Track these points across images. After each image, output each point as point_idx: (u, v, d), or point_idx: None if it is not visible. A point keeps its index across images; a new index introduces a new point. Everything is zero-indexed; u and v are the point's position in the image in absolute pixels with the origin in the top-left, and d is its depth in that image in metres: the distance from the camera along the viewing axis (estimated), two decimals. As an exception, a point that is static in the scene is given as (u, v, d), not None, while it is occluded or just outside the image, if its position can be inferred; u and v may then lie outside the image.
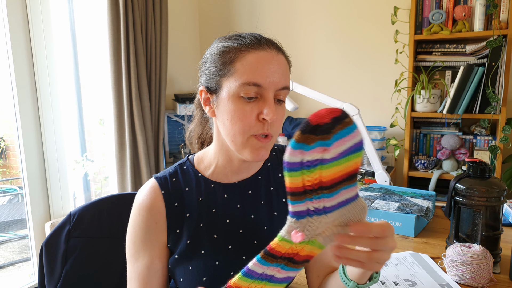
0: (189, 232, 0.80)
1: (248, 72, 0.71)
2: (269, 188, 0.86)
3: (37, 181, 1.87)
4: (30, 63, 1.81)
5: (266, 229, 0.83)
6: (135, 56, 2.08)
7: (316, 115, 0.47)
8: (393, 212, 1.29)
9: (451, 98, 2.08)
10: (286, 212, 0.83)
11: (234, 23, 2.85)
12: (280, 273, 0.59)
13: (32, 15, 1.78)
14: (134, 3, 2.04)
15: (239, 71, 0.72)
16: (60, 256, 1.01)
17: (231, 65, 0.73)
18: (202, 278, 0.78)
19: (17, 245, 3.05)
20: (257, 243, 0.82)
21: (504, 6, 1.98)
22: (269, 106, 0.71)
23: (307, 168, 0.50)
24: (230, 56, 0.73)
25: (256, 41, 0.74)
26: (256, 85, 0.71)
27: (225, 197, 0.83)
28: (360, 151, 0.51)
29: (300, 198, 0.53)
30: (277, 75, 0.72)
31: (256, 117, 0.72)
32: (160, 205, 0.80)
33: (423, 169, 2.22)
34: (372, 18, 2.47)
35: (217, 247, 0.80)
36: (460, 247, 0.97)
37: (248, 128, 0.73)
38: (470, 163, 1.08)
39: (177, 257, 0.79)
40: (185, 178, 0.83)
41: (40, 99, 1.84)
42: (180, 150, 2.42)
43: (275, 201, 0.86)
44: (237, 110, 0.72)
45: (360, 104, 2.47)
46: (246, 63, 0.72)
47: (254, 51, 0.73)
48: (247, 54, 0.72)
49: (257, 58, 0.72)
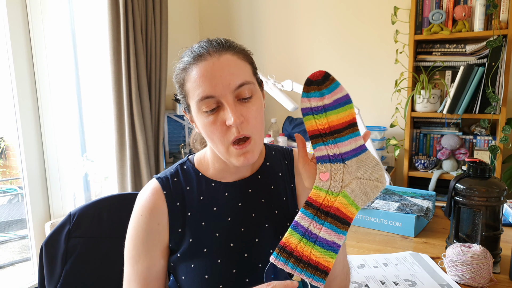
0: (191, 231, 0.80)
1: (196, 88, 0.73)
2: (269, 186, 0.86)
3: (37, 181, 1.87)
4: (30, 63, 1.81)
5: (267, 227, 0.83)
6: (135, 56, 2.08)
7: (312, 75, 0.72)
8: (393, 212, 1.29)
9: (451, 98, 2.08)
10: (286, 210, 0.86)
11: (234, 23, 2.85)
12: (324, 234, 0.66)
13: (32, 15, 1.78)
14: (134, 3, 2.04)
15: (190, 91, 0.74)
16: (60, 256, 1.01)
17: (183, 87, 0.76)
18: (204, 276, 0.78)
19: (17, 245, 3.05)
20: (258, 241, 0.82)
21: (504, 6, 1.98)
22: (228, 111, 0.71)
23: (316, 113, 0.71)
24: (180, 78, 0.77)
25: (195, 54, 0.75)
26: (210, 97, 0.72)
27: (226, 195, 0.83)
28: (351, 103, 0.72)
29: (318, 141, 0.70)
30: (225, 78, 0.72)
31: (224, 126, 0.73)
32: (162, 205, 0.81)
33: (423, 169, 2.22)
34: (372, 18, 2.47)
35: (219, 245, 0.80)
36: (460, 247, 0.97)
37: (222, 138, 0.74)
38: (470, 163, 1.08)
39: (180, 256, 0.80)
40: (186, 178, 0.84)
41: (40, 99, 1.84)
42: (180, 150, 2.42)
43: (275, 199, 0.86)
44: (206, 125, 0.74)
45: (360, 104, 2.47)
46: (192, 81, 0.74)
47: (195, 66, 0.74)
48: (191, 72, 0.74)
49: (199, 72, 0.73)
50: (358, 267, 1.06)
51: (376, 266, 1.06)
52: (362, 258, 1.12)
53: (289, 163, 0.90)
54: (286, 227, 0.83)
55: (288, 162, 0.90)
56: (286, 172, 0.89)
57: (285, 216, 0.85)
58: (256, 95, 0.76)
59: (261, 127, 0.77)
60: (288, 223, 0.84)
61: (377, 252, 1.16)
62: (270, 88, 1.99)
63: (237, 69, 0.74)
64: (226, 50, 0.75)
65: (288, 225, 0.83)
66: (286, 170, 0.89)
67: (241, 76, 0.73)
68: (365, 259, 1.11)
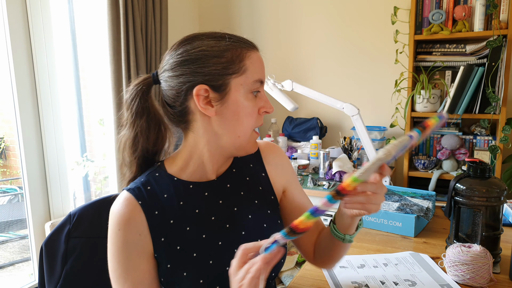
0: (177, 238, 0.78)
1: (257, 69, 0.77)
2: (245, 178, 0.89)
3: (37, 181, 1.87)
4: (30, 63, 1.81)
5: (250, 218, 0.84)
6: (135, 56, 2.08)
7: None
8: (393, 212, 1.29)
9: (451, 98, 2.08)
10: (264, 198, 0.89)
11: (234, 23, 2.85)
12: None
13: (32, 15, 1.78)
14: (134, 3, 2.04)
15: (250, 69, 0.76)
16: (60, 256, 1.01)
17: (241, 63, 0.75)
18: (199, 281, 0.77)
19: (17, 245, 3.05)
20: (245, 233, 0.83)
21: (504, 6, 1.98)
22: (268, 100, 0.80)
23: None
24: (237, 55, 0.75)
25: (248, 41, 0.79)
26: (261, 82, 0.78)
27: (206, 195, 0.83)
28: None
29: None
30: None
31: (258, 112, 0.79)
32: (139, 216, 0.76)
33: (423, 169, 2.22)
34: (372, 18, 2.47)
35: (208, 246, 0.79)
36: (460, 247, 0.97)
37: (255, 122, 0.78)
38: (470, 163, 1.08)
39: (170, 266, 0.77)
40: (161, 186, 0.80)
41: (40, 99, 1.84)
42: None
43: (252, 189, 0.88)
44: (249, 107, 0.77)
45: (360, 104, 2.47)
46: (254, 62, 0.77)
47: (253, 51, 0.78)
48: (251, 54, 0.77)
49: (259, 57, 0.79)
50: (358, 267, 1.06)
51: (376, 266, 1.06)
52: (362, 258, 1.12)
53: (256, 154, 0.93)
54: (268, 214, 0.87)
55: (255, 154, 0.93)
56: (256, 163, 0.92)
57: (265, 204, 0.88)
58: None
59: None
60: (268, 211, 0.88)
61: (377, 252, 1.16)
62: (270, 88, 1.99)
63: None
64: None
65: (269, 213, 0.87)
66: (255, 160, 0.92)
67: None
68: (365, 259, 1.11)
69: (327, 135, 2.65)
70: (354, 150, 2.30)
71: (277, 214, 0.90)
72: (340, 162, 2.15)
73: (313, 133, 2.47)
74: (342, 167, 2.12)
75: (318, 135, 2.41)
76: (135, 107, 0.80)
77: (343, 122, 2.64)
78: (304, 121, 2.57)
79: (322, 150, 2.24)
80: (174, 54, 0.79)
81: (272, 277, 0.89)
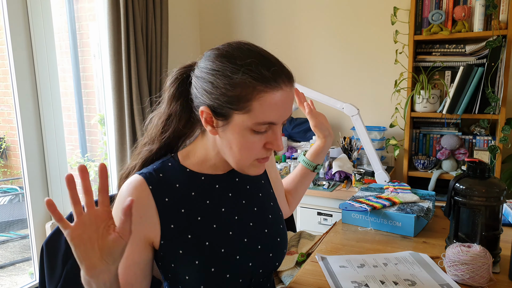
0: (188, 227, 0.81)
1: (266, 113, 0.72)
2: None
3: (38, 181, 1.87)
4: (31, 63, 1.81)
5: (256, 210, 0.90)
6: (136, 56, 2.09)
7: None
8: (393, 212, 1.29)
9: (451, 98, 2.08)
10: (266, 191, 0.95)
11: (234, 23, 2.85)
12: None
13: (33, 15, 1.78)
14: (135, 3, 2.04)
15: (256, 111, 0.72)
16: (60, 256, 1.01)
17: (247, 103, 0.71)
18: (211, 269, 0.79)
19: (17, 245, 3.05)
20: (253, 224, 0.88)
21: (504, 6, 1.98)
22: (278, 139, 0.77)
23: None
24: (246, 93, 0.71)
25: (273, 77, 0.72)
26: (271, 124, 0.75)
27: (217, 187, 0.87)
28: None
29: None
30: (289, 111, 0.76)
31: (263, 146, 0.77)
32: (148, 200, 0.79)
33: (422, 169, 2.23)
34: (372, 19, 2.48)
35: (219, 236, 0.82)
36: (460, 247, 0.98)
37: (254, 155, 0.78)
38: (470, 163, 1.08)
39: (182, 253, 0.79)
40: (172, 175, 0.83)
41: (40, 99, 1.85)
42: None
43: (256, 183, 0.94)
44: (247, 143, 0.75)
45: (360, 104, 2.47)
46: (264, 104, 0.71)
47: (272, 91, 0.71)
48: (265, 95, 0.71)
49: (275, 99, 0.72)
50: (358, 266, 1.07)
51: (376, 266, 1.07)
52: (362, 258, 1.12)
53: None
54: (270, 206, 0.94)
55: None
56: None
57: (268, 197, 0.95)
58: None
59: None
60: (271, 203, 0.96)
61: (377, 252, 1.16)
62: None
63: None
64: (293, 82, 0.77)
65: (272, 205, 0.95)
66: None
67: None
68: (365, 259, 1.11)
69: (327, 135, 2.65)
70: (354, 150, 2.30)
71: (277, 204, 0.98)
72: (340, 162, 2.15)
73: (313, 133, 2.47)
74: (342, 167, 2.12)
75: (318, 135, 2.41)
76: (173, 89, 0.83)
77: (343, 122, 2.64)
78: (304, 121, 2.57)
79: (322, 150, 2.24)
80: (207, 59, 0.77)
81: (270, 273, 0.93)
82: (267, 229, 0.89)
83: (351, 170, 2.10)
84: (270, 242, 0.89)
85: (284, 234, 0.94)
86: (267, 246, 0.88)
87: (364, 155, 2.30)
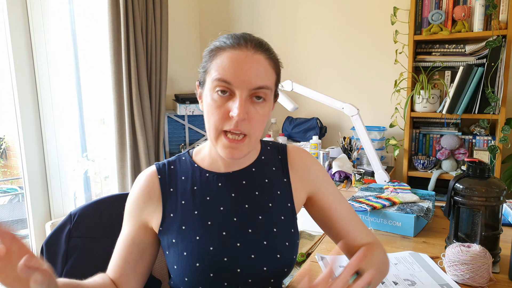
0: (184, 219, 0.83)
1: (220, 69, 0.75)
2: (264, 180, 0.89)
3: (38, 181, 1.87)
4: (31, 63, 1.81)
5: (261, 219, 0.85)
6: (136, 56, 2.09)
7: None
8: (393, 212, 1.29)
9: (451, 98, 2.08)
10: (280, 204, 0.88)
11: (234, 23, 2.85)
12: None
13: (33, 15, 1.78)
14: (135, 3, 2.04)
15: (214, 68, 0.77)
16: (60, 256, 1.01)
17: (211, 62, 0.78)
18: (196, 264, 0.80)
19: (17, 245, 3.04)
20: (252, 231, 0.83)
21: (504, 6, 1.98)
22: (237, 104, 0.74)
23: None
24: (212, 54, 0.79)
25: (235, 40, 0.78)
26: (226, 82, 0.75)
27: (219, 185, 0.86)
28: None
29: None
30: (249, 75, 0.74)
31: (227, 114, 0.76)
32: (154, 188, 0.86)
33: (422, 169, 2.23)
34: (372, 19, 2.48)
35: (211, 233, 0.82)
36: (460, 247, 0.98)
37: (218, 122, 0.76)
38: (470, 163, 1.08)
39: (175, 242, 0.82)
40: (182, 168, 0.89)
41: (40, 99, 1.85)
42: (181, 150, 2.42)
43: (269, 192, 0.88)
44: (212, 105, 0.76)
45: (360, 104, 2.48)
46: (221, 61, 0.76)
47: (229, 50, 0.76)
48: (223, 53, 0.77)
49: (230, 56, 0.76)
50: (358, 266, 1.07)
51: (376, 266, 1.07)
52: (362, 257, 1.12)
53: (282, 158, 0.93)
54: (281, 220, 0.86)
55: (282, 157, 0.93)
56: (280, 167, 0.91)
57: (279, 210, 0.87)
58: (268, 102, 0.79)
59: (260, 131, 0.80)
60: (282, 217, 0.87)
61: (376, 252, 1.16)
62: (270, 88, 1.99)
63: (263, 73, 0.77)
64: (262, 51, 0.79)
65: (282, 219, 0.87)
66: (280, 165, 0.92)
67: (264, 80, 0.77)
68: (365, 259, 1.11)
69: (327, 135, 2.65)
70: (353, 150, 2.30)
71: (291, 222, 0.88)
72: (339, 162, 2.15)
73: (312, 133, 2.47)
74: (342, 167, 2.12)
75: (317, 135, 2.42)
76: None
77: (343, 122, 2.64)
78: (304, 121, 2.57)
79: (321, 150, 2.24)
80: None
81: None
82: (266, 241, 0.83)
83: (351, 170, 2.10)
84: (267, 256, 0.82)
85: (288, 252, 0.84)
86: (261, 258, 0.82)
87: (364, 155, 2.30)
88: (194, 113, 2.48)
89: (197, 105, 2.45)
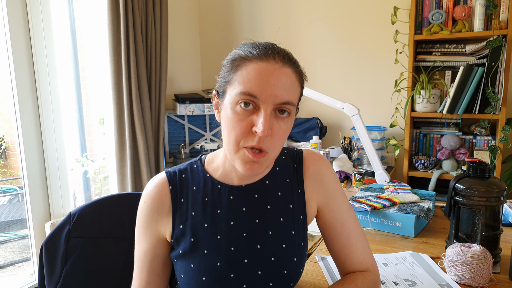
0: (193, 230, 0.81)
1: (246, 81, 0.71)
2: (277, 193, 0.85)
3: (37, 181, 1.87)
4: (30, 63, 1.81)
5: (271, 234, 0.83)
6: (135, 56, 2.08)
7: None
8: (393, 212, 1.29)
9: (451, 98, 2.08)
10: (292, 218, 0.85)
11: (234, 23, 2.85)
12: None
13: (32, 15, 1.78)
14: (134, 3, 2.04)
15: (239, 80, 0.72)
16: (60, 256, 1.01)
17: (234, 73, 0.73)
18: (202, 278, 0.79)
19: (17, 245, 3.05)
20: (260, 247, 0.81)
21: (504, 6, 1.98)
22: (262, 120, 0.70)
23: None
24: (235, 64, 0.74)
25: (263, 51, 0.73)
26: (252, 96, 0.70)
27: (231, 199, 0.83)
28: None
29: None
30: (276, 89, 0.71)
31: (250, 128, 0.72)
32: (165, 198, 0.83)
33: (423, 169, 2.22)
34: (372, 18, 2.47)
35: (219, 248, 0.80)
36: (460, 247, 0.97)
37: (240, 137, 0.72)
38: (470, 163, 1.08)
39: (181, 253, 0.81)
40: (194, 177, 0.85)
41: (40, 99, 1.85)
42: (180, 150, 2.42)
43: (282, 206, 0.85)
44: (233, 118, 0.72)
45: (360, 104, 2.47)
46: (246, 73, 0.72)
47: (257, 62, 0.72)
48: (249, 64, 0.72)
49: (258, 69, 0.71)
50: (358, 267, 1.06)
51: (376, 266, 1.06)
52: (362, 258, 1.12)
53: (298, 166, 0.88)
54: (290, 235, 0.83)
55: (297, 166, 0.88)
56: (294, 178, 0.87)
57: (290, 224, 0.84)
58: (291, 118, 0.76)
59: (280, 147, 0.76)
60: (293, 232, 0.84)
61: (377, 252, 1.16)
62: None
63: (291, 87, 0.73)
64: (290, 64, 0.74)
65: (293, 234, 0.84)
66: (294, 175, 0.88)
67: (291, 94, 0.73)
68: (365, 259, 1.11)
69: (327, 135, 2.65)
70: (354, 150, 2.30)
71: (302, 236, 0.86)
72: (340, 162, 2.15)
73: (313, 133, 2.47)
74: (342, 167, 2.12)
75: (318, 135, 2.41)
76: None
77: (343, 122, 2.64)
78: (304, 121, 2.57)
79: (322, 150, 2.24)
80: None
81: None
82: (274, 257, 0.81)
83: (351, 170, 2.10)
84: (274, 272, 0.81)
85: (295, 268, 0.83)
86: (269, 274, 0.80)
87: (364, 155, 2.30)
88: (194, 113, 2.48)
89: (197, 105, 2.45)
